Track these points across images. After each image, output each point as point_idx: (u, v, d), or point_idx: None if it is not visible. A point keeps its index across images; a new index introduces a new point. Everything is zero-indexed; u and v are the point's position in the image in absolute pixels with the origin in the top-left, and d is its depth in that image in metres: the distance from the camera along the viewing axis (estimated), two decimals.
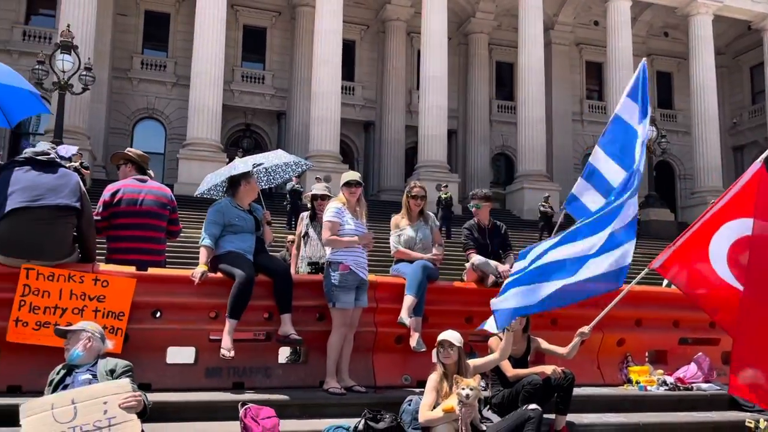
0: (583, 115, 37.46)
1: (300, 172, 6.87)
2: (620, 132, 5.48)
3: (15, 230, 4.63)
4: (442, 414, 4.32)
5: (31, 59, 23.39)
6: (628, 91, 5.51)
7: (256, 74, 33.33)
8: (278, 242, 13.67)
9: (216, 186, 6.03)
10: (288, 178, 6.87)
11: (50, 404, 3.52)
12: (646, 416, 5.46)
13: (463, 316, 5.97)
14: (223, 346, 4.91)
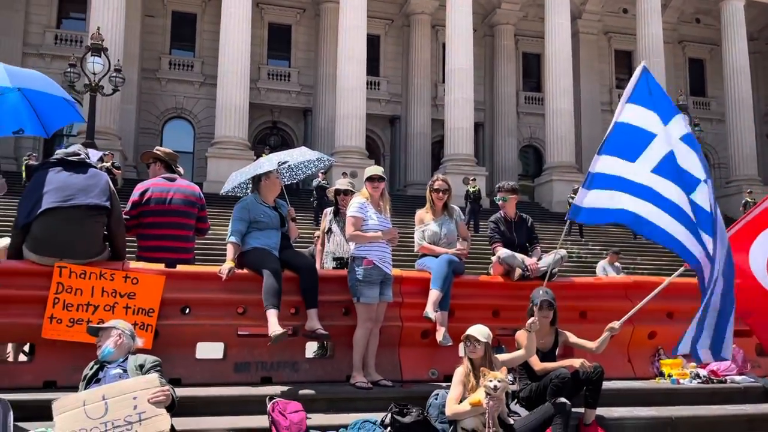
0: (613, 105, 36.68)
1: (324, 168, 6.91)
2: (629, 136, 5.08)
3: (48, 230, 4.75)
4: (469, 407, 4.32)
5: (63, 62, 23.86)
6: (629, 95, 5.13)
7: (282, 71, 33.52)
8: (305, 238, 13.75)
9: (241, 184, 6.09)
10: (311, 174, 6.90)
11: (82, 401, 3.61)
12: (679, 410, 5.36)
13: (490, 310, 5.95)
14: (272, 330, 4.88)
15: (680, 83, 35.53)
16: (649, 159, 4.83)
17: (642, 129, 4.92)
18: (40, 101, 5.50)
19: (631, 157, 4.89)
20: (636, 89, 5.06)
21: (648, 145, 4.86)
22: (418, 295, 5.66)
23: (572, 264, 18.71)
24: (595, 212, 4.97)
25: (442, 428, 4.52)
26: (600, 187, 4.93)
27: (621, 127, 4.99)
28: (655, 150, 4.83)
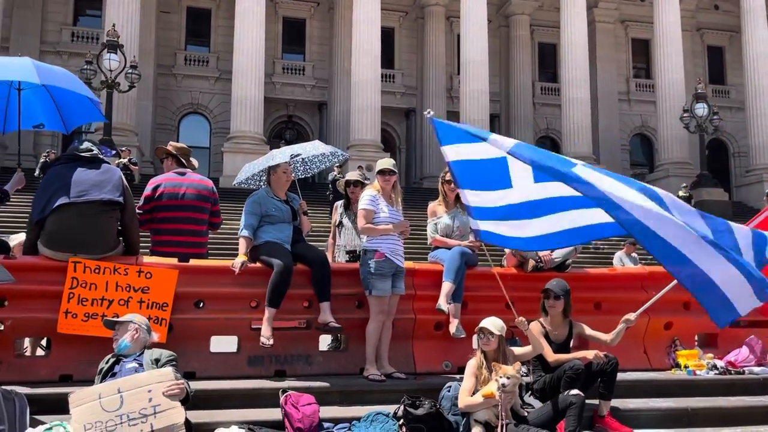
0: (630, 95, 36.43)
1: (338, 163, 6.89)
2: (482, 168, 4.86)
3: (62, 225, 4.80)
4: (481, 400, 4.30)
5: (80, 60, 24.09)
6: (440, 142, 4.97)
7: (297, 66, 33.55)
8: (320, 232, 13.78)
9: (254, 176, 6.10)
10: (324, 168, 6.88)
11: (98, 394, 3.65)
12: (695, 401, 5.30)
13: (504, 301, 5.89)
14: (263, 335, 4.99)
15: (699, 71, 35.00)
16: (523, 176, 4.71)
17: (484, 160, 4.82)
18: (64, 98, 5.62)
19: (505, 185, 4.77)
20: (440, 135, 5.01)
21: (508, 167, 4.75)
22: (431, 287, 5.64)
23: (589, 255, 18.57)
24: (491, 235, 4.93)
25: (454, 420, 4.52)
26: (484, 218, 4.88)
27: (458, 164, 4.92)
28: (518, 167, 4.71)
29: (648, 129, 35.94)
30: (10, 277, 4.43)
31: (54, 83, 5.32)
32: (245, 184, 6.26)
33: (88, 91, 5.72)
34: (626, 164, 35.40)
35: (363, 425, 4.45)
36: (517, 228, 4.76)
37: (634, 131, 36.62)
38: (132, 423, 3.57)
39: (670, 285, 4.80)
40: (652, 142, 35.52)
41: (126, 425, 3.54)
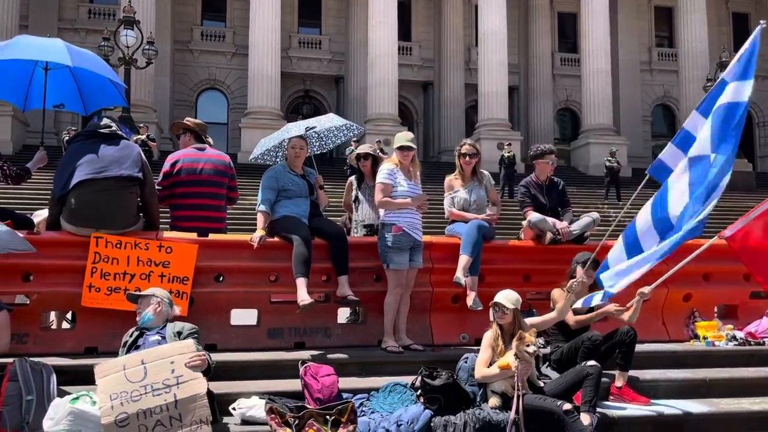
0: (652, 64, 35.71)
1: (353, 137, 6.87)
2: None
3: (83, 201, 4.88)
4: (498, 371, 4.33)
5: (98, 36, 24.14)
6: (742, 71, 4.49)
7: (313, 39, 33.33)
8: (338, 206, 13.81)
9: (269, 150, 6.12)
10: (339, 143, 6.87)
11: (122, 365, 3.74)
12: (713, 372, 5.29)
13: (521, 274, 5.92)
14: (301, 299, 4.97)
15: (723, 39, 34.09)
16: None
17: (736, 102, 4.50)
18: (87, 81, 5.70)
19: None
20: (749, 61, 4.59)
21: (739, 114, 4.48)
22: (448, 260, 5.66)
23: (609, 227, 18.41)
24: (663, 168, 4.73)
25: (471, 391, 4.56)
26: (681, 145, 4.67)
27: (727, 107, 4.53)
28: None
29: (670, 99, 35.28)
30: (30, 246, 4.53)
31: (85, 66, 5.41)
32: (261, 159, 6.29)
33: (115, 75, 5.80)
34: (647, 136, 34.90)
35: (381, 395, 4.52)
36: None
37: (656, 102, 35.98)
38: (156, 393, 3.65)
39: (689, 257, 4.75)
40: (675, 112, 34.92)
41: (150, 395, 3.63)
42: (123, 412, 3.55)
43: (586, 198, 21.60)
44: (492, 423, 4.19)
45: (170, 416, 3.61)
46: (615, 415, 4.51)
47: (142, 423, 3.56)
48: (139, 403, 3.59)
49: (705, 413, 4.66)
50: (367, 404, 4.46)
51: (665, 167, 4.73)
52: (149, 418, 3.58)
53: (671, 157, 4.73)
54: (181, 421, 3.61)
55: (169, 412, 3.61)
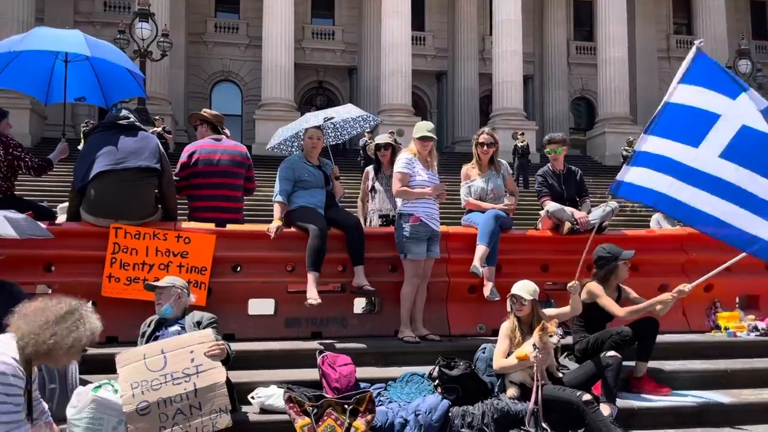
0: (670, 52, 35.21)
1: (368, 128, 6.86)
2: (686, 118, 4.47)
3: (102, 192, 4.92)
4: (516, 362, 4.32)
5: (113, 29, 24.27)
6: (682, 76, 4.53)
7: (326, 30, 33.25)
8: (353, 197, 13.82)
9: (286, 141, 6.12)
10: (355, 134, 6.86)
11: (142, 354, 3.77)
12: (735, 362, 5.23)
13: (538, 264, 5.89)
14: (309, 297, 5.02)
15: (741, 27, 33.59)
16: (716, 143, 4.37)
17: (702, 110, 4.46)
18: (107, 73, 5.74)
19: (693, 142, 4.44)
20: (691, 70, 4.59)
21: (712, 126, 4.39)
22: (465, 250, 5.64)
23: (625, 217, 18.29)
24: (636, 189, 4.64)
25: (489, 381, 4.55)
26: (646, 166, 4.59)
27: (674, 108, 4.55)
28: (721, 131, 4.36)
29: None
30: (48, 233, 4.57)
31: (104, 56, 5.44)
32: (277, 150, 6.29)
33: (133, 65, 5.83)
34: None
35: (398, 385, 4.52)
36: (675, 187, 4.46)
37: None
38: (176, 382, 3.68)
39: (737, 258, 4.61)
40: None
41: (170, 384, 3.66)
42: (144, 401, 3.58)
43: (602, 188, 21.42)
44: (510, 413, 4.18)
45: (190, 405, 3.64)
46: (635, 406, 4.49)
47: (163, 411, 3.59)
48: (159, 392, 3.62)
49: (726, 404, 4.62)
50: (385, 394, 4.46)
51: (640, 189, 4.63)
52: (169, 407, 3.61)
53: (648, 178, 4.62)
54: (200, 410, 3.64)
55: (189, 401, 3.64)
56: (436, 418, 4.13)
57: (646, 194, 4.58)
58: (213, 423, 3.64)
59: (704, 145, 4.41)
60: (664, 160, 4.49)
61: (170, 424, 3.58)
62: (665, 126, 4.55)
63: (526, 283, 4.59)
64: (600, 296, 4.77)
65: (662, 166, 4.50)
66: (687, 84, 4.54)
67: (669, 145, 4.50)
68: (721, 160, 4.34)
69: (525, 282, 4.61)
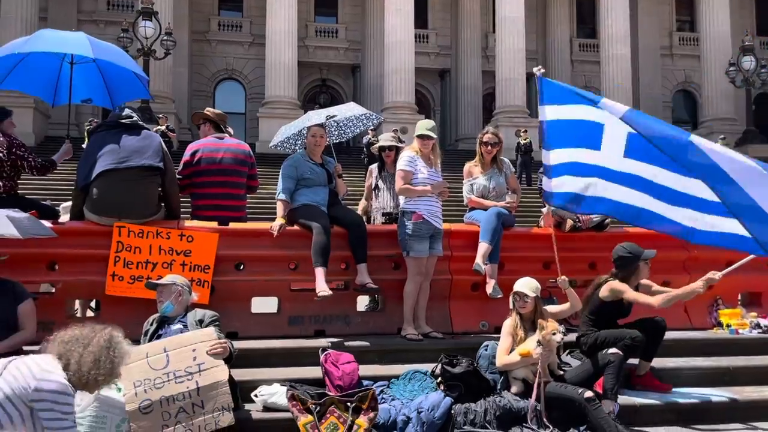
0: (673, 49, 35.12)
1: (372, 126, 6.87)
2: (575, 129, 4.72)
3: (105, 191, 4.94)
4: (518, 358, 4.33)
5: (116, 28, 24.32)
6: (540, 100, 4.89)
7: (330, 28, 33.25)
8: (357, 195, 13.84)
9: (290, 138, 6.13)
10: (358, 132, 6.87)
11: (145, 353, 3.79)
12: (737, 360, 5.25)
13: (541, 262, 5.88)
14: (320, 289, 5.01)
15: (746, 23, 33.44)
16: (614, 146, 4.57)
17: (582, 121, 4.70)
18: (112, 74, 5.78)
19: (594, 146, 4.65)
20: (544, 93, 4.94)
21: (602, 133, 4.62)
22: (468, 248, 5.65)
23: None
24: (566, 196, 4.84)
25: (492, 378, 4.56)
26: (562, 174, 4.79)
27: (554, 124, 4.80)
28: (613, 137, 4.56)
29: (692, 85, 34.72)
30: (52, 232, 4.60)
31: (106, 58, 5.47)
32: (281, 148, 6.30)
33: (138, 67, 5.85)
34: (668, 122, 34.34)
35: (401, 383, 4.54)
36: (596, 187, 4.65)
37: (677, 87, 35.42)
38: (178, 380, 3.70)
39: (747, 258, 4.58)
40: (696, 98, 34.38)
41: (173, 383, 3.68)
42: (147, 399, 3.60)
43: None
44: (513, 410, 4.20)
45: (192, 403, 3.66)
46: (637, 403, 4.50)
47: (165, 410, 3.61)
48: (162, 390, 3.64)
49: (728, 401, 4.63)
50: (387, 391, 4.48)
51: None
52: (172, 405, 3.63)
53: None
54: (203, 408, 3.66)
55: (192, 399, 3.66)
56: (439, 416, 4.14)
57: (575, 200, 4.82)
58: (216, 421, 3.66)
59: (605, 148, 4.62)
60: (575, 166, 4.65)
61: (173, 422, 3.60)
62: (557, 138, 4.81)
63: (528, 280, 4.60)
64: (626, 291, 4.66)
65: (578, 171, 4.66)
66: (549, 105, 4.84)
67: (573, 152, 4.68)
68: (627, 159, 4.54)
69: (527, 279, 4.62)
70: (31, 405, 2.73)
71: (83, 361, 2.87)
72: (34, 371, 2.77)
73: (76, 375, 2.85)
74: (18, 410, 2.72)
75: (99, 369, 2.89)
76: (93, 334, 2.98)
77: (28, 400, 2.73)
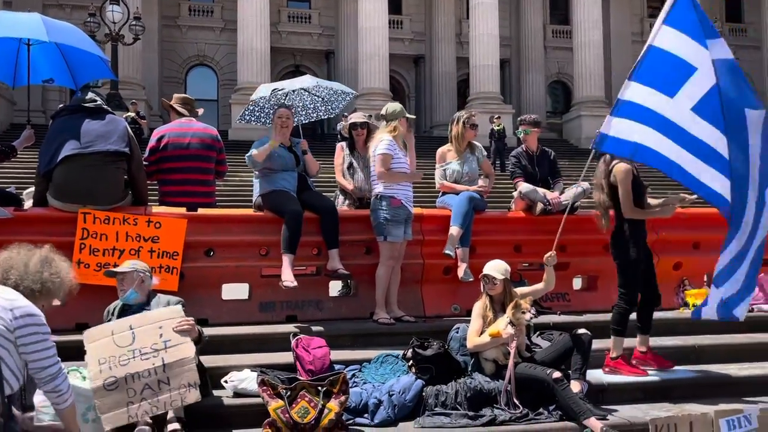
0: (644, 35, 35.26)
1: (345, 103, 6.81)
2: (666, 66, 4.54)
3: (69, 176, 4.83)
4: (489, 339, 4.36)
5: (83, 12, 23.74)
6: (665, 16, 4.58)
7: (303, 13, 32.92)
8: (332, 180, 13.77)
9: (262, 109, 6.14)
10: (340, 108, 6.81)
11: (110, 330, 3.74)
12: (703, 338, 5.35)
13: (512, 245, 5.93)
14: (285, 279, 4.99)
15: (715, 9, 33.88)
16: (690, 95, 4.46)
17: (681, 59, 4.52)
18: (73, 54, 5.60)
19: (670, 92, 4.51)
20: (674, 9, 4.61)
21: (688, 79, 4.48)
22: (440, 232, 5.66)
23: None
24: (621, 143, 4.64)
25: (463, 360, 4.59)
26: (629, 117, 4.60)
27: (656, 53, 4.59)
28: (697, 85, 4.46)
29: None
30: (6, 213, 4.50)
31: (63, 41, 5.32)
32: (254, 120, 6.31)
33: (97, 48, 5.71)
34: None
35: (373, 366, 4.54)
36: (652, 137, 4.51)
37: None
38: (144, 357, 3.66)
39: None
40: None
41: (138, 359, 3.64)
42: (111, 376, 3.55)
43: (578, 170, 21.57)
44: (483, 391, 4.22)
45: (158, 380, 3.61)
46: (605, 382, 4.57)
47: (131, 386, 3.56)
48: (127, 367, 3.59)
49: (694, 378, 4.73)
50: (360, 375, 4.48)
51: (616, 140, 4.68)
52: (137, 382, 3.58)
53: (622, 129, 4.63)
54: (169, 385, 3.62)
55: (158, 376, 3.62)
56: (410, 398, 4.16)
57: (629, 147, 4.59)
58: (182, 397, 3.62)
59: (680, 95, 4.48)
60: (644, 111, 4.54)
61: (138, 399, 3.56)
62: (647, 72, 4.61)
63: (497, 262, 4.62)
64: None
65: (643, 117, 4.54)
66: (670, 27, 4.56)
67: (651, 95, 4.54)
68: (693, 114, 4.44)
69: (496, 261, 4.64)
70: (16, 335, 2.65)
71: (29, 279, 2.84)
72: (1, 304, 2.68)
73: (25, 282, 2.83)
74: (6, 349, 2.63)
75: (44, 284, 2.88)
76: (30, 253, 2.96)
77: (13, 329, 2.64)
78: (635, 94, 4.61)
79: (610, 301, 5.56)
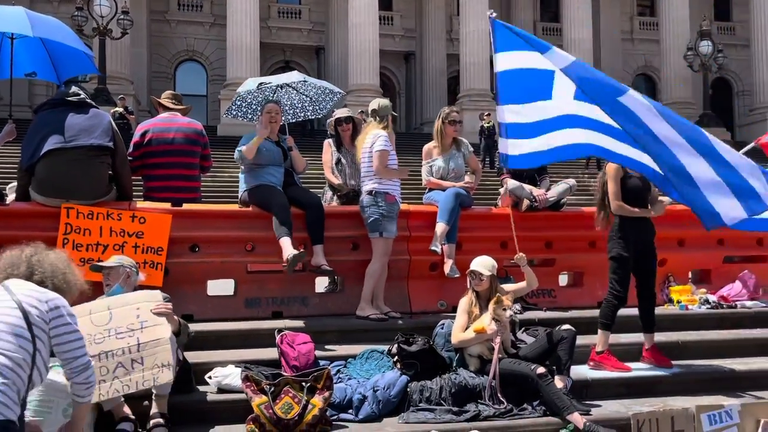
0: (634, 33, 35.65)
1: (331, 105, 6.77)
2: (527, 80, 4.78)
3: (52, 171, 4.78)
4: (473, 335, 4.37)
5: (71, 6, 23.53)
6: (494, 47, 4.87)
7: (293, 9, 32.81)
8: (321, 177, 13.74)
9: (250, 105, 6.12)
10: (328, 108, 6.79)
11: (88, 310, 3.72)
12: (686, 334, 5.38)
13: (498, 241, 5.92)
14: (286, 253, 4.91)
15: (704, 8, 34.07)
16: (565, 90, 4.67)
17: (534, 69, 4.75)
18: (57, 49, 5.58)
19: (545, 96, 4.73)
20: (497, 37, 4.89)
21: (553, 81, 4.70)
22: (426, 228, 5.66)
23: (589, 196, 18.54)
24: (522, 158, 4.89)
25: (448, 356, 4.59)
26: (517, 136, 4.83)
27: (506, 75, 4.82)
28: (563, 82, 4.67)
29: (651, 69, 35.33)
30: None
31: (47, 36, 5.28)
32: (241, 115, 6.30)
33: (82, 44, 5.66)
34: None
35: (358, 362, 4.53)
36: (550, 140, 4.74)
37: (638, 71, 36.00)
38: (119, 336, 3.64)
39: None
40: (656, 82, 35.00)
41: (113, 338, 3.62)
42: None
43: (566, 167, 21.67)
44: (468, 387, 4.23)
45: (132, 359, 3.60)
46: (589, 377, 4.59)
47: (104, 365, 3.55)
48: (101, 345, 3.58)
49: (677, 374, 4.75)
50: (345, 371, 4.47)
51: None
52: (110, 360, 3.57)
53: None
54: (142, 364, 3.60)
55: (131, 355, 3.61)
56: (395, 394, 4.16)
57: (527, 159, 4.88)
58: (154, 378, 3.61)
59: (555, 95, 4.70)
60: (528, 127, 4.75)
61: (110, 377, 3.54)
62: (510, 91, 4.83)
63: (484, 258, 4.63)
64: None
65: (527, 132, 4.75)
66: (502, 52, 4.82)
67: (526, 110, 4.75)
68: (576, 101, 4.64)
69: (483, 258, 4.64)
70: (51, 325, 2.61)
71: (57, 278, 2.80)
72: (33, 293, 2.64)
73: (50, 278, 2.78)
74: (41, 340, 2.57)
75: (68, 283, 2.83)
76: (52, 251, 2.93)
77: (48, 320, 2.60)
78: (512, 115, 4.84)
79: (595, 298, 5.64)
